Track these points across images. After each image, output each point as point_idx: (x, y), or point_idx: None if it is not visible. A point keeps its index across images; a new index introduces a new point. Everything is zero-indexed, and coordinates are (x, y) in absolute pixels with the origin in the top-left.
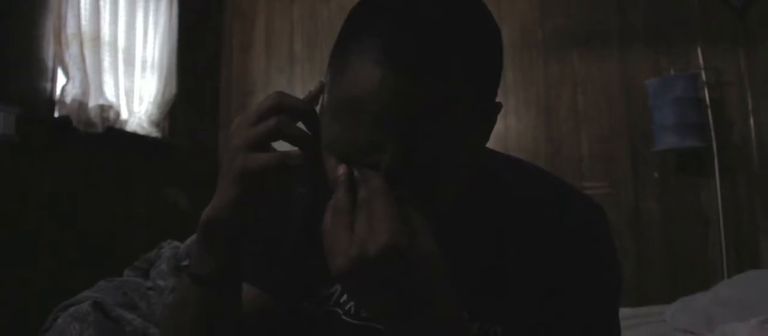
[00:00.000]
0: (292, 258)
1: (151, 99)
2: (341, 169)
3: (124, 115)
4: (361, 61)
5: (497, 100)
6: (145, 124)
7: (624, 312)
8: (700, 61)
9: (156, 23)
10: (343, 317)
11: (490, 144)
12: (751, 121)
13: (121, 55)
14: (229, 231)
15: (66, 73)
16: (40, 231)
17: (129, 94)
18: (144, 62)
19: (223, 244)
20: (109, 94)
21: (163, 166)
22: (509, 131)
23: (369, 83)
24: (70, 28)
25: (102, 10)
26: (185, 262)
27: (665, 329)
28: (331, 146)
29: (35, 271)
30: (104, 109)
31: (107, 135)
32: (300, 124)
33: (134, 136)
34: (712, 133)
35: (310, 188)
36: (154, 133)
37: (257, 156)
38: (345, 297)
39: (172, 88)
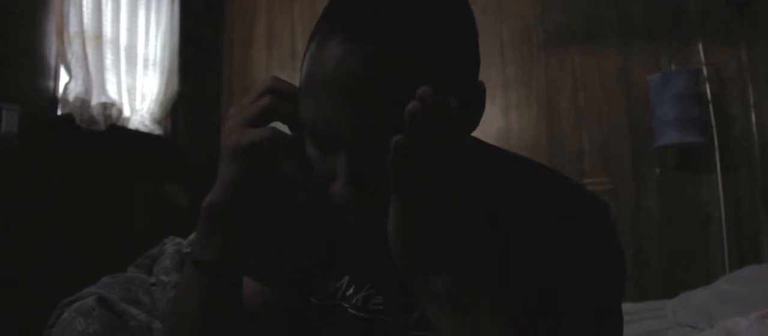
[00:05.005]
0: (297, 252)
1: (153, 97)
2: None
3: (126, 112)
4: (318, 38)
5: (497, 96)
6: (148, 122)
7: (625, 307)
8: (702, 56)
9: (158, 21)
10: (350, 310)
11: (492, 140)
12: (753, 116)
13: (123, 53)
14: (229, 213)
15: (68, 71)
16: (43, 228)
17: (131, 91)
18: (146, 60)
19: (224, 227)
20: (112, 92)
21: (165, 164)
22: (510, 128)
23: (323, 55)
24: (72, 27)
25: (104, 8)
26: (187, 250)
27: (666, 324)
28: (304, 123)
29: (39, 268)
30: (107, 107)
31: (110, 133)
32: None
33: (136, 134)
34: (714, 129)
35: (304, 169)
36: (157, 130)
37: (250, 131)
38: (351, 290)
39: (174, 86)
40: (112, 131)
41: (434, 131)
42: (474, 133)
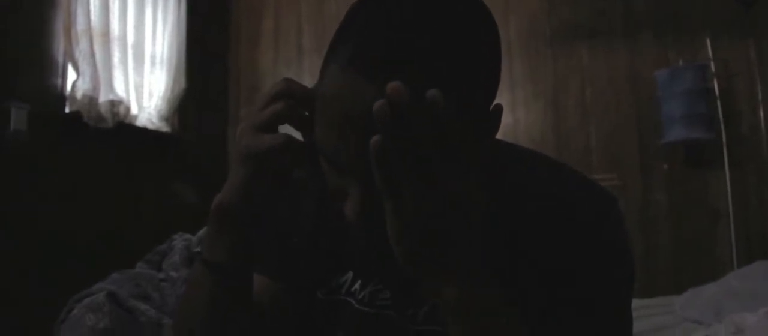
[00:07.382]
0: (304, 248)
1: (161, 94)
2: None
3: (134, 110)
4: (333, 65)
5: (504, 93)
6: (155, 119)
7: (633, 303)
8: (709, 51)
9: (165, 19)
10: (356, 306)
11: (499, 136)
12: (761, 112)
13: (130, 51)
14: (238, 215)
15: (76, 68)
16: (52, 225)
17: (139, 89)
18: (153, 57)
19: (234, 229)
20: (119, 89)
21: (172, 161)
22: (518, 124)
23: (336, 85)
24: (79, 24)
25: (111, 5)
26: (197, 249)
27: (674, 319)
28: (320, 147)
29: (49, 265)
30: (114, 104)
31: (117, 130)
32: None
33: (144, 131)
34: (722, 125)
35: (315, 175)
36: (164, 127)
37: (263, 136)
38: (358, 285)
39: (182, 83)
40: (120, 129)
41: (415, 130)
42: None
